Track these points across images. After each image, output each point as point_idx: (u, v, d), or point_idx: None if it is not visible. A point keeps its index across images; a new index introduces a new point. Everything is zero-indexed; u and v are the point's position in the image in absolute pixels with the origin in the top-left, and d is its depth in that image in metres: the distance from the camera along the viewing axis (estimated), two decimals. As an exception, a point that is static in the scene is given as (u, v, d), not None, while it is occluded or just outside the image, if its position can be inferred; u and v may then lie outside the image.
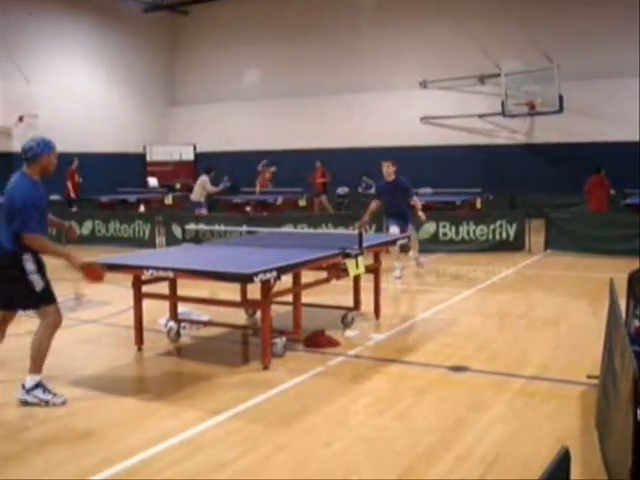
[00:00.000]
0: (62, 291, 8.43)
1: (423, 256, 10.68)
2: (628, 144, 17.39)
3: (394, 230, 9.45)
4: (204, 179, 15.15)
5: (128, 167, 22.93)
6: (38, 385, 4.64)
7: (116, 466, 3.62)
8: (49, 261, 4.83)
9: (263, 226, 10.71)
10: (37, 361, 4.65)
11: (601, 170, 14.77)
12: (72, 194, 17.65)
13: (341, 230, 11.22)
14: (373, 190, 9.66)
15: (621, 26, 17.87)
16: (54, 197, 19.36)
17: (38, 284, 4.63)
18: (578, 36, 18.62)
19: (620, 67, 17.83)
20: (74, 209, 17.24)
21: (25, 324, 5.56)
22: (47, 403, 4.61)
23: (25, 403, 4.62)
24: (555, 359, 5.62)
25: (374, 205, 9.78)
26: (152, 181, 22.94)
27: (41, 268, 4.70)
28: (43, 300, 4.67)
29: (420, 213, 9.79)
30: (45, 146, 4.73)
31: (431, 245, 12.29)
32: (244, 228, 10.03)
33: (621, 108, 17.93)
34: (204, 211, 15.34)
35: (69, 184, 17.72)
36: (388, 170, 9.54)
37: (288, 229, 11.60)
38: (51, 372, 5.27)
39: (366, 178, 19.64)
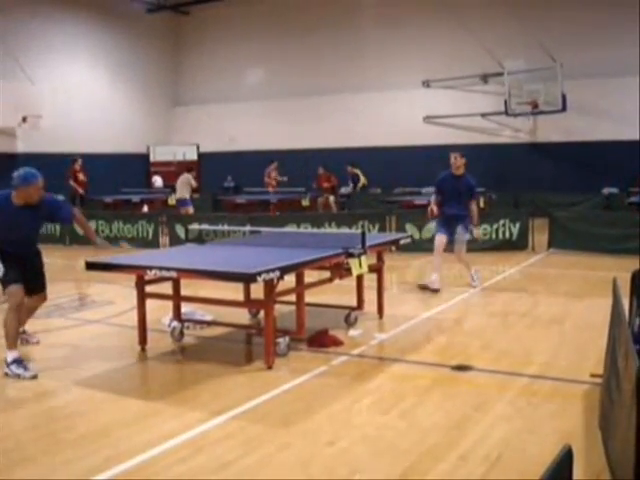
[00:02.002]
0: (66, 291, 8.52)
1: (424, 255, 10.61)
2: (631, 143, 17.34)
3: (440, 239, 8.47)
4: (188, 176, 15.76)
5: (131, 167, 22.97)
6: (15, 361, 5.18)
7: (119, 466, 3.63)
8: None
9: (266, 226, 10.72)
10: (7, 339, 5.26)
11: None
12: (80, 191, 17.72)
13: (344, 230, 11.21)
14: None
15: (624, 25, 17.83)
16: (59, 198, 19.49)
17: None
18: (581, 35, 18.59)
19: (623, 66, 17.78)
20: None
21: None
22: (18, 377, 5.10)
23: (6, 375, 5.13)
24: (559, 358, 5.62)
25: (436, 201, 8.47)
26: (157, 180, 22.93)
27: (3, 258, 5.30)
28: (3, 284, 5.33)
29: (476, 216, 8.75)
30: (23, 180, 5.23)
31: (434, 244, 12.23)
32: (247, 228, 10.05)
33: (624, 107, 17.88)
34: (190, 209, 15.59)
35: (72, 183, 17.76)
36: (456, 162, 8.42)
37: (291, 229, 11.60)
38: (55, 371, 5.31)
39: (351, 168, 19.44)
